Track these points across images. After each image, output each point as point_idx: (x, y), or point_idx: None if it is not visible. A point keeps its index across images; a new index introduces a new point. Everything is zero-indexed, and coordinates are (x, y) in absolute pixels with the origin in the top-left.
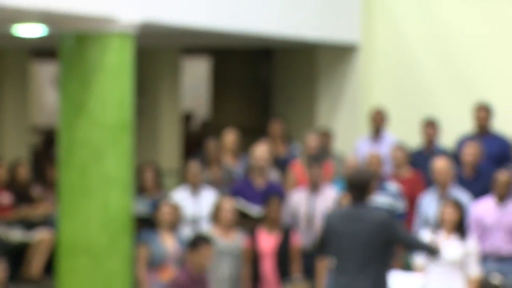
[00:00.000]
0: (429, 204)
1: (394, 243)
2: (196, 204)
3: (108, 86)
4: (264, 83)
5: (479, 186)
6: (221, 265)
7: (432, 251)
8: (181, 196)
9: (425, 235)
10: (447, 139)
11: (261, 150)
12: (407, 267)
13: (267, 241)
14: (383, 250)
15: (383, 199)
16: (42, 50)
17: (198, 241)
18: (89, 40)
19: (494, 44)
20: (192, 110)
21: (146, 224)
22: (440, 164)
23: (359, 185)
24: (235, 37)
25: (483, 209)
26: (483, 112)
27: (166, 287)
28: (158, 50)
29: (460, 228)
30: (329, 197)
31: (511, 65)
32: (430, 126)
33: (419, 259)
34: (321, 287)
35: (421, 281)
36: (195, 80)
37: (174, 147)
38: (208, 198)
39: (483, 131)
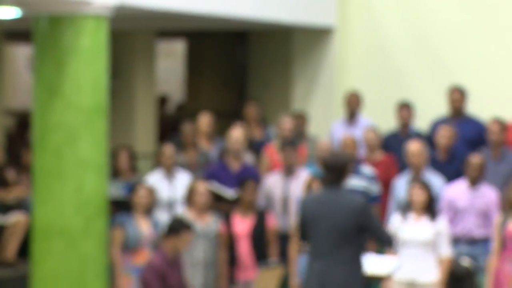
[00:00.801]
0: (403, 187)
1: (366, 231)
2: (171, 187)
3: (82, 68)
4: (239, 66)
5: (453, 169)
6: (196, 248)
7: (390, 243)
8: (155, 179)
9: (395, 219)
10: (422, 122)
11: (236, 133)
12: (380, 250)
13: (242, 224)
14: (357, 234)
15: (358, 182)
16: (16, 32)
17: (179, 226)
18: (63, 22)
19: (469, 28)
20: (167, 93)
21: (120, 207)
22: (413, 147)
23: (336, 168)
24: (210, 20)
25: (456, 192)
26: (457, 95)
27: (141, 270)
28: (133, 33)
29: (429, 209)
30: (304, 180)
31: (486, 48)
32: (405, 109)
33: None
34: (294, 271)
35: (395, 263)
36: (170, 63)
37: (149, 130)
38: (183, 181)
39: (458, 114)
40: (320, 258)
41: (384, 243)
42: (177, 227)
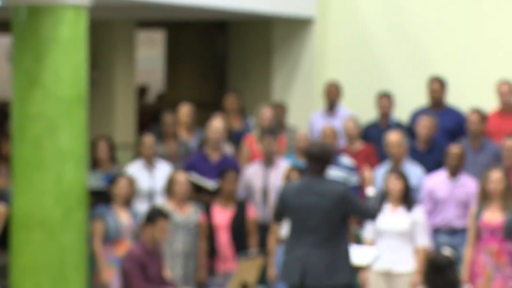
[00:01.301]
0: (382, 177)
1: (350, 215)
2: (151, 178)
3: (62, 59)
4: (219, 57)
5: (433, 159)
6: (176, 238)
7: (375, 217)
8: (135, 170)
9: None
10: (402, 113)
11: (215, 124)
12: (357, 240)
13: (222, 215)
14: (341, 223)
15: (337, 173)
16: None
17: (155, 215)
18: (42, 12)
19: (449, 19)
20: (146, 83)
21: (100, 198)
22: (393, 138)
23: (319, 158)
24: (190, 10)
25: (436, 182)
26: (437, 85)
27: (121, 260)
28: (112, 23)
29: (406, 199)
30: (283, 170)
31: (466, 39)
32: (385, 99)
33: (368, 233)
34: (272, 262)
35: (376, 253)
36: (150, 53)
37: (128, 121)
38: (163, 172)
39: (437, 105)
40: (303, 245)
41: (370, 219)
42: (153, 215)
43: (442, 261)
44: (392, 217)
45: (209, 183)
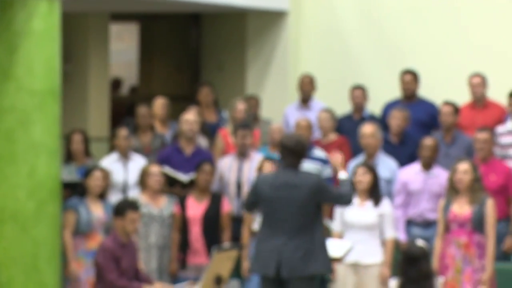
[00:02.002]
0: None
1: (326, 203)
2: (125, 171)
3: (35, 51)
4: (193, 49)
5: (406, 152)
6: (151, 231)
7: (349, 202)
8: (110, 163)
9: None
10: (376, 105)
11: (188, 116)
12: (327, 233)
13: (196, 208)
14: (316, 213)
15: (311, 165)
16: None
17: (124, 207)
18: (15, 4)
19: (422, 11)
20: (120, 76)
21: (75, 191)
22: (367, 130)
23: (294, 151)
24: (163, 2)
25: (409, 174)
26: (409, 77)
27: (92, 254)
28: (86, 16)
29: (373, 192)
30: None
31: (439, 32)
32: (358, 92)
33: (336, 226)
34: (246, 255)
35: (349, 245)
36: (124, 46)
37: (102, 114)
38: (137, 165)
39: (410, 97)
40: (277, 236)
41: (345, 204)
42: (122, 208)
43: (416, 252)
44: (359, 210)
45: (183, 176)
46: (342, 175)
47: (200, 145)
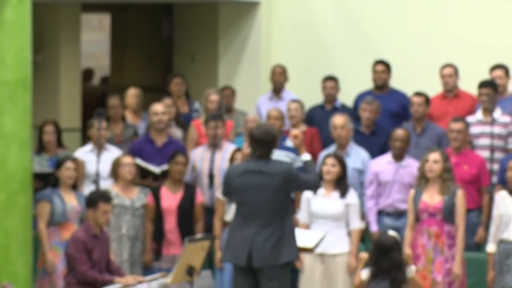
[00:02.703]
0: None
1: (296, 190)
2: (98, 161)
3: (5, 42)
4: (165, 40)
5: (377, 142)
6: (123, 222)
7: (317, 187)
8: (83, 154)
9: (307, 192)
10: (347, 96)
11: (157, 107)
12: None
13: (171, 199)
14: (286, 202)
15: (282, 155)
16: None
17: (95, 198)
18: None
19: (394, 3)
20: (92, 66)
21: (47, 182)
22: (338, 120)
23: (264, 141)
24: None
25: (381, 165)
26: (381, 67)
27: (66, 244)
28: (57, 6)
29: (341, 183)
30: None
31: (410, 23)
32: (330, 82)
33: (303, 217)
34: (218, 245)
35: (321, 235)
36: (95, 36)
37: (74, 105)
38: (111, 156)
39: (381, 87)
40: (248, 226)
41: (314, 189)
42: (94, 199)
43: (387, 242)
44: (325, 201)
45: (155, 168)
46: (305, 156)
47: (174, 136)
